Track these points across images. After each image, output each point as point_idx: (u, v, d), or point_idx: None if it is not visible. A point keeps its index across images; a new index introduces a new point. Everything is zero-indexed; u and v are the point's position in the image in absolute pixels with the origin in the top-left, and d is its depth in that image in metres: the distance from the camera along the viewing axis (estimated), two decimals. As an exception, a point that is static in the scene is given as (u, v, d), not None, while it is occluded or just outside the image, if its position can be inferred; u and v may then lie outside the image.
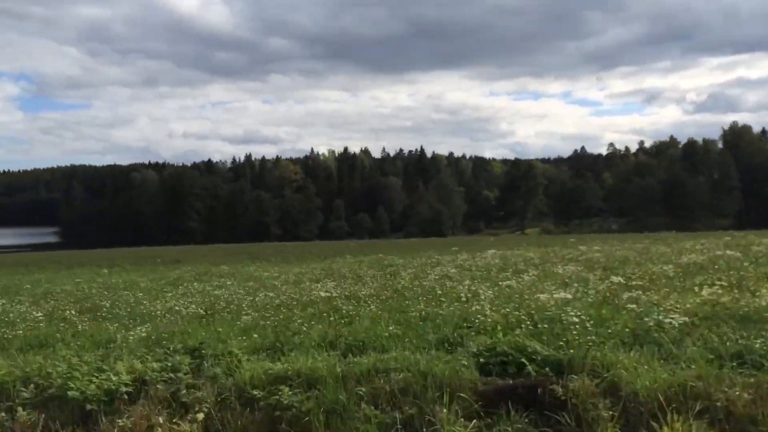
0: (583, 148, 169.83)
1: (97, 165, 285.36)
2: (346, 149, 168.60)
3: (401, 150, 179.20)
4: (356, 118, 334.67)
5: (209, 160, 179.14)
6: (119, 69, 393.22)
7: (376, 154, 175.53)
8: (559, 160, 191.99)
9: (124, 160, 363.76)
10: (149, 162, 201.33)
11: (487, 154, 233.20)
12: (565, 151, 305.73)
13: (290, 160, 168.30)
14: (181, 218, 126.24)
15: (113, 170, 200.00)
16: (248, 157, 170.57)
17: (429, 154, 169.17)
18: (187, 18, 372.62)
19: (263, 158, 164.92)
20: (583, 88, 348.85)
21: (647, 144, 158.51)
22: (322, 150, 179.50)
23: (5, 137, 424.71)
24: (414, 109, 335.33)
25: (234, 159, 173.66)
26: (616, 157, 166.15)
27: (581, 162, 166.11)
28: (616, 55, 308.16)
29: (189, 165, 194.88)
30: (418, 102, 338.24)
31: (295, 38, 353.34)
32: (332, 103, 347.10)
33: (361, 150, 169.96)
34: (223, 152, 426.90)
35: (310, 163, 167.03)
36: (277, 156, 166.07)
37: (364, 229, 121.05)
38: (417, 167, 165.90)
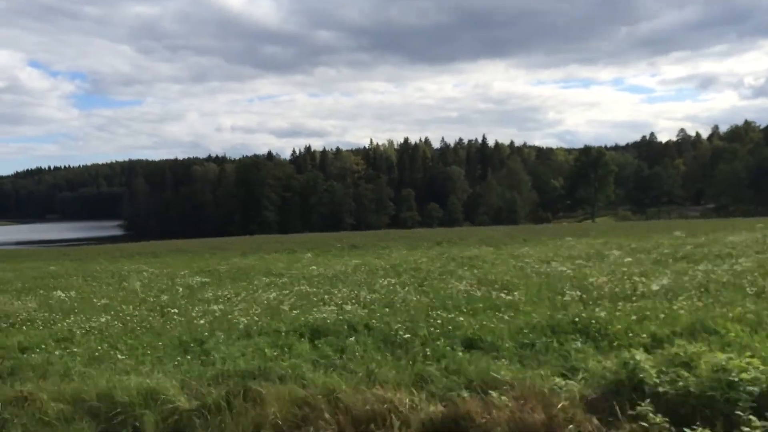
0: (652, 134, 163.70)
1: (154, 159, 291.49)
2: (406, 140, 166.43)
3: (460, 139, 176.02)
4: (402, 110, 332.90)
5: (269, 153, 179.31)
6: (170, 65, 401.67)
7: (435, 144, 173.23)
8: (622, 147, 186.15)
9: (175, 154, 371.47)
10: (209, 155, 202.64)
11: (536, 143, 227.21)
12: (618, 138, 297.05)
13: (351, 151, 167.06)
14: (257, 209, 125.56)
15: (174, 163, 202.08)
16: (308, 148, 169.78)
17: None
18: (235, 13, 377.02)
19: (324, 149, 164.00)
20: (635, 75, 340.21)
21: (722, 129, 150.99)
22: (382, 141, 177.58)
23: (61, 134, 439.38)
24: (460, 99, 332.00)
25: (294, 151, 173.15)
26: (686, 143, 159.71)
27: (651, 148, 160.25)
28: (669, 39, 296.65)
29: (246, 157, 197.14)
30: (464, 92, 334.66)
31: (341, 30, 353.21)
32: (378, 94, 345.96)
33: (422, 140, 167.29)
34: (270, 145, 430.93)
35: (370, 153, 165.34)
36: (338, 147, 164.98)
37: (434, 218, 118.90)
38: (479, 156, 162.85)
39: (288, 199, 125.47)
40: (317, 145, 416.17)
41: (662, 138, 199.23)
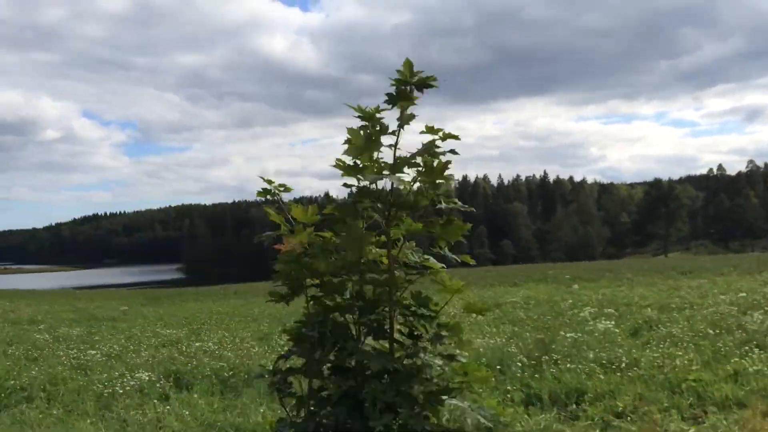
0: (720, 166, 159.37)
1: (206, 203, 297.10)
2: (465, 177, 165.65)
3: (518, 176, 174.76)
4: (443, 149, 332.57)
5: (327, 193, 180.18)
6: (216, 112, 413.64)
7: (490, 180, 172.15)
8: (687, 179, 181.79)
9: (220, 198, 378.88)
10: (267, 199, 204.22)
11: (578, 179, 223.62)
12: (662, 173, 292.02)
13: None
14: None
15: (233, 207, 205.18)
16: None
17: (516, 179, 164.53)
18: (278, 60, 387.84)
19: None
20: (678, 109, 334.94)
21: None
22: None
23: (113, 181, 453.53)
24: (500, 137, 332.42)
25: (351, 190, 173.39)
26: (756, 175, 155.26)
27: (721, 181, 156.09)
28: (712, 72, 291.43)
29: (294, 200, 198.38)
30: (504, 130, 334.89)
31: (381, 72, 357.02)
32: (419, 135, 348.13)
33: (481, 177, 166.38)
34: (312, 188, 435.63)
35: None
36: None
37: (507, 255, 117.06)
38: (540, 192, 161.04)
39: None
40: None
41: (704, 171, 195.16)
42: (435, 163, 3.97)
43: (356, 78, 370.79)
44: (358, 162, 3.96)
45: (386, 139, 3.89)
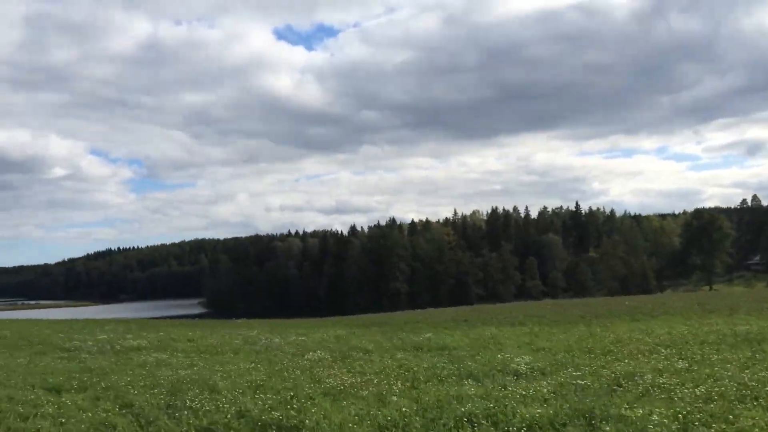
0: (755, 196, 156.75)
1: (219, 238, 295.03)
2: (495, 209, 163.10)
3: (545, 207, 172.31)
4: (445, 184, 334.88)
5: (353, 226, 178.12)
6: (221, 149, 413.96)
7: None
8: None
9: (223, 234, 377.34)
10: (288, 232, 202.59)
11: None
12: (663, 207, 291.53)
13: (439, 222, 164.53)
14: (387, 280, 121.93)
15: (255, 240, 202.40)
16: (392, 220, 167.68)
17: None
18: (282, 98, 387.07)
19: (413, 221, 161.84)
20: (679, 143, 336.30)
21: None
22: (467, 211, 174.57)
23: (119, 218, 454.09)
24: (503, 172, 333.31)
25: (378, 223, 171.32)
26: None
27: (756, 212, 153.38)
28: (713, 106, 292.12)
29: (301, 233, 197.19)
30: (507, 165, 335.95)
31: (385, 109, 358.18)
32: (422, 170, 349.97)
33: (512, 209, 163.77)
34: (315, 223, 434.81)
35: (458, 223, 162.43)
36: (427, 218, 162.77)
37: (558, 288, 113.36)
38: (572, 224, 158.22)
39: (416, 269, 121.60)
40: (362, 221, 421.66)
41: (710, 204, 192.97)
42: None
43: (360, 114, 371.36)
44: None
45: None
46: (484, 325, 25.19)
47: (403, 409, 9.25)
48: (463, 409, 9.07)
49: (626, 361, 13.11)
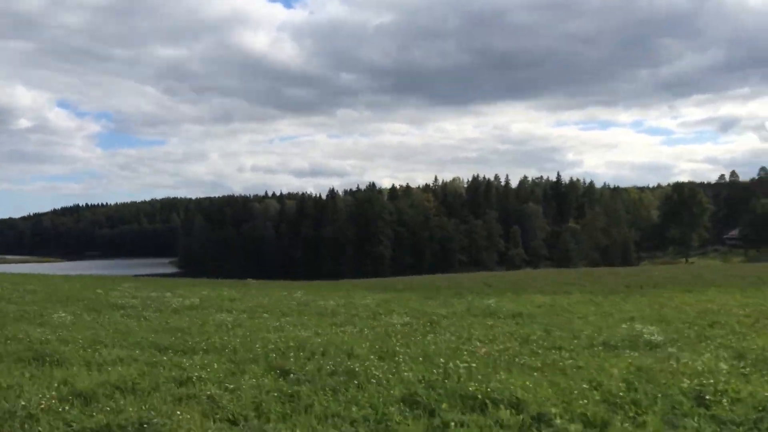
0: (733, 172, 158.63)
1: (191, 197, 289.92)
2: (476, 177, 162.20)
3: (525, 177, 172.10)
4: (421, 150, 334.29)
5: (332, 189, 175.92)
6: (194, 107, 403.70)
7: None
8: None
9: (195, 194, 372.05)
10: (266, 193, 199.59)
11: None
12: (637, 180, 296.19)
13: (419, 188, 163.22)
14: (371, 245, 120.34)
15: (231, 200, 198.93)
16: (372, 184, 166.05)
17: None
18: (259, 55, 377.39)
19: (393, 186, 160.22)
20: (655, 117, 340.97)
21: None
22: (447, 178, 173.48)
23: (86, 173, 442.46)
24: (480, 140, 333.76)
25: (357, 186, 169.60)
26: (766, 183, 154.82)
27: (734, 188, 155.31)
28: (691, 82, 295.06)
29: (262, 195, 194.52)
30: (484, 133, 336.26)
31: (363, 72, 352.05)
32: (398, 135, 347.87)
33: (492, 178, 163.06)
34: (289, 185, 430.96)
35: (439, 190, 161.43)
36: (408, 184, 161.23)
37: (540, 256, 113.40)
38: (552, 194, 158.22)
39: (400, 234, 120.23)
40: (336, 184, 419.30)
41: (683, 178, 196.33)
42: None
43: (338, 76, 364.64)
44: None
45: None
46: (526, 292, 23.90)
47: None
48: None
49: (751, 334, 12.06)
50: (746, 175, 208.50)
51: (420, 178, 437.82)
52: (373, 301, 20.15)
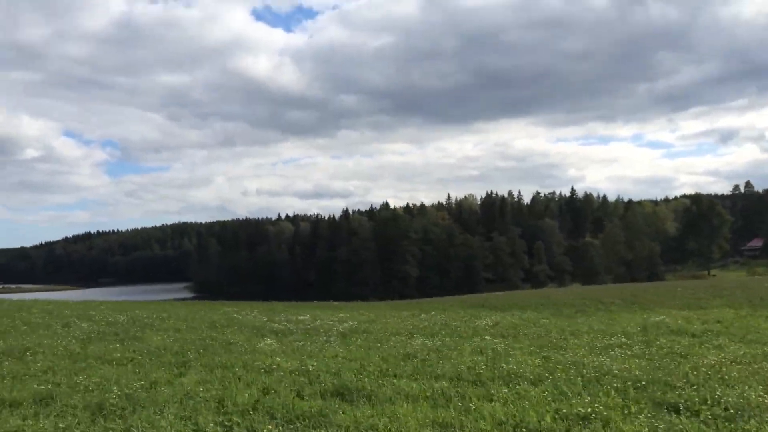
0: (748, 183, 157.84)
1: (201, 221, 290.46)
2: (489, 194, 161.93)
3: (537, 192, 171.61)
4: (423, 169, 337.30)
5: (345, 209, 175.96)
6: (198, 132, 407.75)
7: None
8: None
9: (201, 218, 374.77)
10: (279, 216, 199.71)
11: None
12: (639, 194, 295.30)
13: (433, 206, 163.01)
14: (395, 264, 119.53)
15: (245, 224, 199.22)
16: (386, 204, 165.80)
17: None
18: (261, 80, 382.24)
19: (407, 204, 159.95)
20: (654, 131, 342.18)
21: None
22: (460, 195, 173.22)
23: (92, 200, 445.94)
24: (480, 158, 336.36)
25: (371, 207, 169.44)
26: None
27: (749, 199, 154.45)
28: (688, 95, 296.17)
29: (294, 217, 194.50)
30: (484, 151, 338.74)
31: (364, 94, 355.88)
32: (399, 155, 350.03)
33: (507, 194, 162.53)
34: (293, 207, 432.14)
35: (454, 207, 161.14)
36: (422, 202, 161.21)
37: (564, 272, 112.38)
38: (567, 209, 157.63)
39: (426, 253, 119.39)
40: (340, 205, 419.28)
41: (684, 191, 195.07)
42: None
43: (338, 99, 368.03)
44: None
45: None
46: (644, 310, 22.90)
47: None
48: None
49: None
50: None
51: (422, 196, 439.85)
52: (491, 322, 18.97)
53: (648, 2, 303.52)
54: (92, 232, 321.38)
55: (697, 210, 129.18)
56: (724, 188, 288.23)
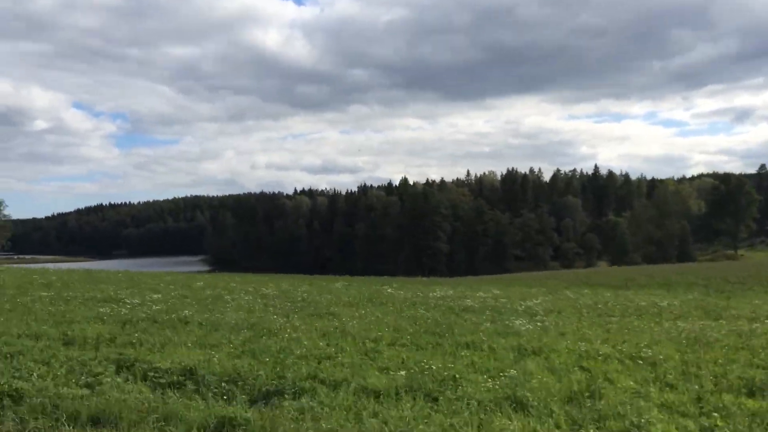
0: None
1: (216, 194, 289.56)
2: (509, 170, 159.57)
3: (558, 170, 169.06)
4: (434, 145, 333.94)
5: (363, 185, 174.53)
6: (209, 105, 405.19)
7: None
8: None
9: (211, 191, 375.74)
10: (295, 190, 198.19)
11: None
12: (652, 172, 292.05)
13: (453, 182, 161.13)
14: (425, 241, 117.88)
15: (261, 197, 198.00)
16: (405, 180, 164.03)
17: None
18: (271, 54, 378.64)
19: (428, 180, 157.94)
20: (668, 109, 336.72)
21: None
22: (481, 172, 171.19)
23: (101, 173, 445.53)
24: (492, 134, 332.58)
25: (389, 183, 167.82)
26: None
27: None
28: (704, 73, 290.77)
29: (277, 193, 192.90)
30: (495, 127, 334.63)
31: (375, 68, 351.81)
32: (410, 131, 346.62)
33: (528, 171, 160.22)
34: (302, 182, 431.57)
35: (474, 184, 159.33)
36: (442, 179, 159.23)
37: (593, 249, 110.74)
38: (591, 187, 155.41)
39: (457, 229, 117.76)
40: (349, 181, 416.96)
41: (697, 171, 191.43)
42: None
43: (349, 73, 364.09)
44: None
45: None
46: (718, 290, 21.79)
47: None
48: None
49: None
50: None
51: (432, 172, 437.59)
52: (606, 297, 18.11)
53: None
54: (104, 204, 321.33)
55: (725, 189, 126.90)
56: (736, 167, 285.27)
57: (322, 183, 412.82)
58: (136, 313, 13.34)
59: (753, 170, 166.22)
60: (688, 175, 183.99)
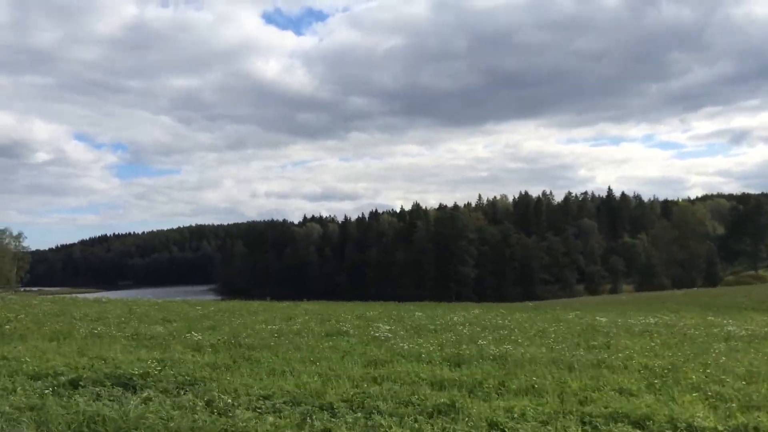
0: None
1: (222, 223, 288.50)
2: (522, 194, 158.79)
3: (569, 192, 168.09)
4: (433, 171, 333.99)
5: (373, 211, 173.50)
6: (208, 134, 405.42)
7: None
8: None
9: (212, 220, 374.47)
10: (304, 217, 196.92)
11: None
12: (650, 194, 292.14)
13: (467, 206, 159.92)
14: (451, 266, 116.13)
15: (270, 225, 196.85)
16: (417, 205, 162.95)
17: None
18: (271, 83, 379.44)
19: (440, 205, 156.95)
20: (666, 131, 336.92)
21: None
22: (493, 196, 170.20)
23: (102, 203, 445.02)
24: (490, 159, 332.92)
25: (401, 209, 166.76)
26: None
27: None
28: (701, 95, 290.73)
29: (279, 222, 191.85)
30: (494, 152, 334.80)
31: (374, 96, 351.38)
32: (410, 157, 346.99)
33: (541, 194, 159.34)
34: (303, 209, 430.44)
35: (488, 208, 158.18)
36: (455, 203, 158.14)
37: (618, 272, 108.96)
38: (605, 209, 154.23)
39: (484, 253, 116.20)
40: (349, 208, 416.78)
41: (695, 193, 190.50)
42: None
43: (348, 101, 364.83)
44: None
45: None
46: None
47: None
48: None
49: None
50: (760, 187, 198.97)
51: (431, 198, 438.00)
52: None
53: (661, 2, 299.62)
54: (108, 234, 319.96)
55: (744, 209, 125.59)
56: (734, 188, 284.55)
57: (323, 210, 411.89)
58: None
59: (753, 191, 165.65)
60: (684, 196, 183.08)
